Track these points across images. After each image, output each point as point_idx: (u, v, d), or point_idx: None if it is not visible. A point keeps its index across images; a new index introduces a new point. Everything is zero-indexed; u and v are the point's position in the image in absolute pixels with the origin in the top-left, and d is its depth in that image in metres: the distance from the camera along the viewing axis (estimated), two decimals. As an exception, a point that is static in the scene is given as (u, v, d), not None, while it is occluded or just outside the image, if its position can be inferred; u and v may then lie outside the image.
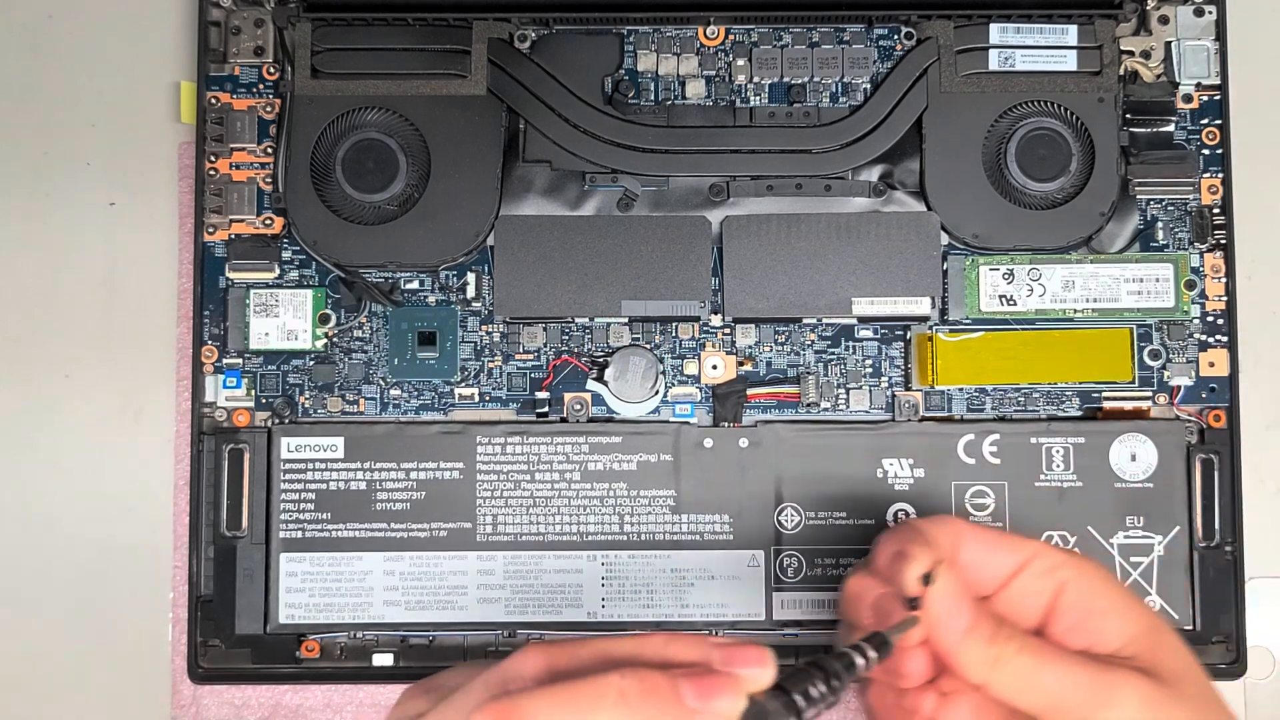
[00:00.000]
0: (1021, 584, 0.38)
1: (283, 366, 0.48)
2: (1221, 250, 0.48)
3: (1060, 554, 0.38)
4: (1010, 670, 0.35)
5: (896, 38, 0.49)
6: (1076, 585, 0.38)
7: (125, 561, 0.50)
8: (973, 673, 0.36)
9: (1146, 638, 0.37)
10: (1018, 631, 0.36)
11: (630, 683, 0.29)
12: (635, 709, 0.29)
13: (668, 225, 0.48)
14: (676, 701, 0.29)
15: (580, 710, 0.29)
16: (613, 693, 0.29)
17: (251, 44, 0.49)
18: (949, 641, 0.35)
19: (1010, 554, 0.38)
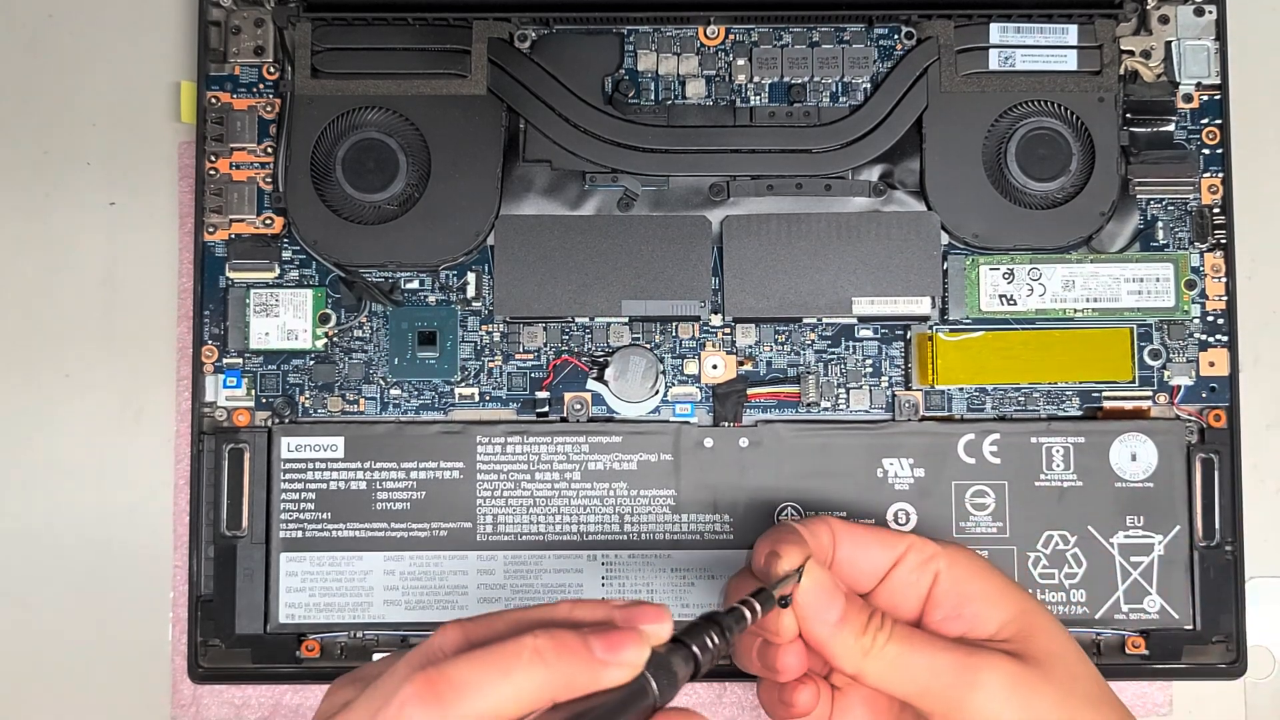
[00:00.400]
0: (899, 577, 0.40)
1: (283, 366, 0.48)
2: (1221, 250, 0.48)
3: (934, 545, 0.40)
4: (881, 660, 0.37)
5: (896, 37, 0.49)
6: (950, 574, 0.40)
7: (125, 561, 0.50)
8: (846, 664, 0.38)
9: (1019, 621, 0.39)
10: (888, 622, 0.38)
11: (543, 641, 0.31)
12: (550, 664, 0.31)
13: (668, 225, 0.48)
14: (587, 654, 0.31)
15: (500, 669, 0.31)
16: (528, 651, 0.31)
17: (251, 44, 0.49)
18: (821, 635, 0.37)
19: (885, 549, 0.40)
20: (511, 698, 0.31)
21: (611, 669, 0.32)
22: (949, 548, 0.40)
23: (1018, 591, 0.40)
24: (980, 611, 0.39)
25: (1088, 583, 0.47)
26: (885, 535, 0.40)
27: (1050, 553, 0.47)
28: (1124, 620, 0.47)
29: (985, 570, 0.40)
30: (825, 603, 0.37)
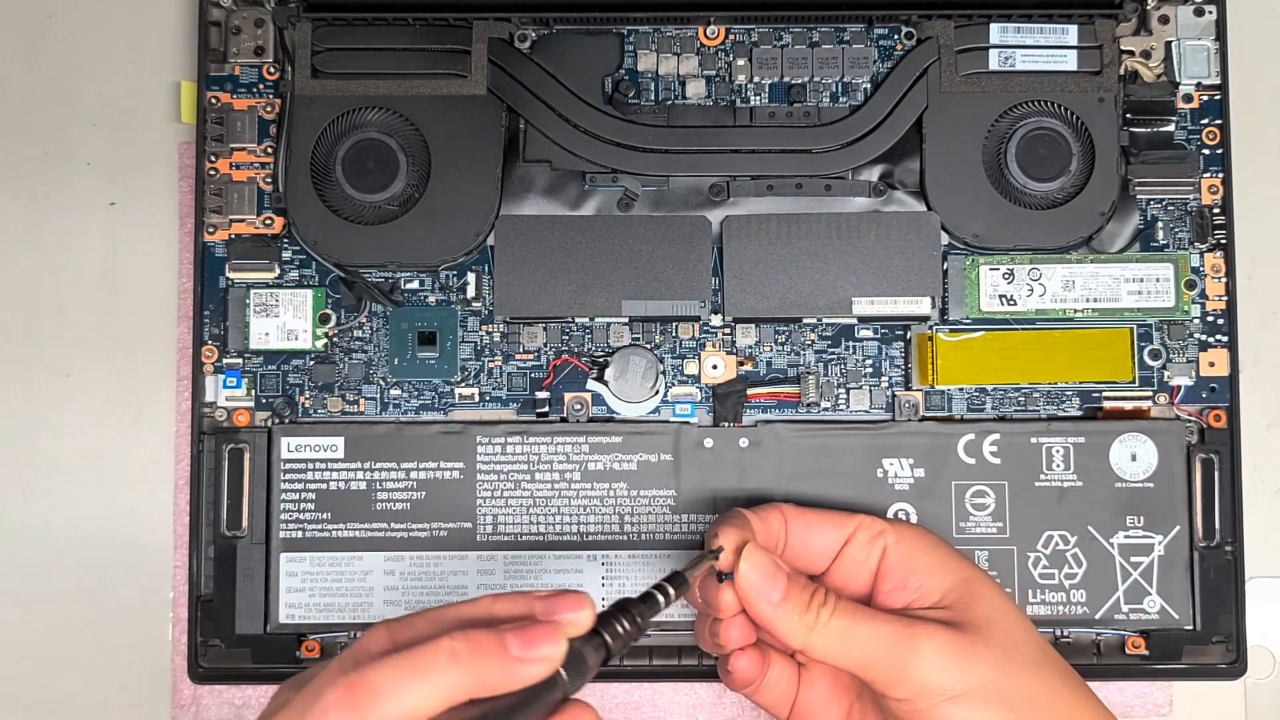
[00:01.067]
0: (850, 554, 0.42)
1: (283, 366, 0.48)
2: (1221, 250, 0.48)
3: (881, 523, 0.42)
4: (825, 635, 0.39)
5: (897, 37, 0.49)
6: (897, 549, 0.41)
7: (125, 561, 0.50)
8: (791, 639, 0.39)
9: (959, 589, 0.41)
10: (831, 598, 0.40)
11: (459, 643, 0.32)
12: (465, 665, 0.32)
13: (668, 225, 0.48)
14: (503, 653, 0.32)
15: (417, 672, 0.32)
16: (444, 654, 0.32)
17: (252, 44, 0.49)
18: (765, 613, 0.39)
19: (835, 529, 0.42)
20: (428, 699, 0.32)
21: (527, 665, 0.33)
22: (896, 524, 0.42)
23: (961, 561, 0.42)
24: (925, 582, 0.41)
25: (1088, 583, 0.47)
26: (835, 516, 0.42)
27: (1050, 553, 0.47)
28: (1124, 620, 0.47)
29: (931, 544, 0.42)
30: (767, 583, 0.39)
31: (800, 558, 0.42)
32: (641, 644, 0.47)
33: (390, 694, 0.32)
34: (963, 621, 0.39)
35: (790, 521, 0.42)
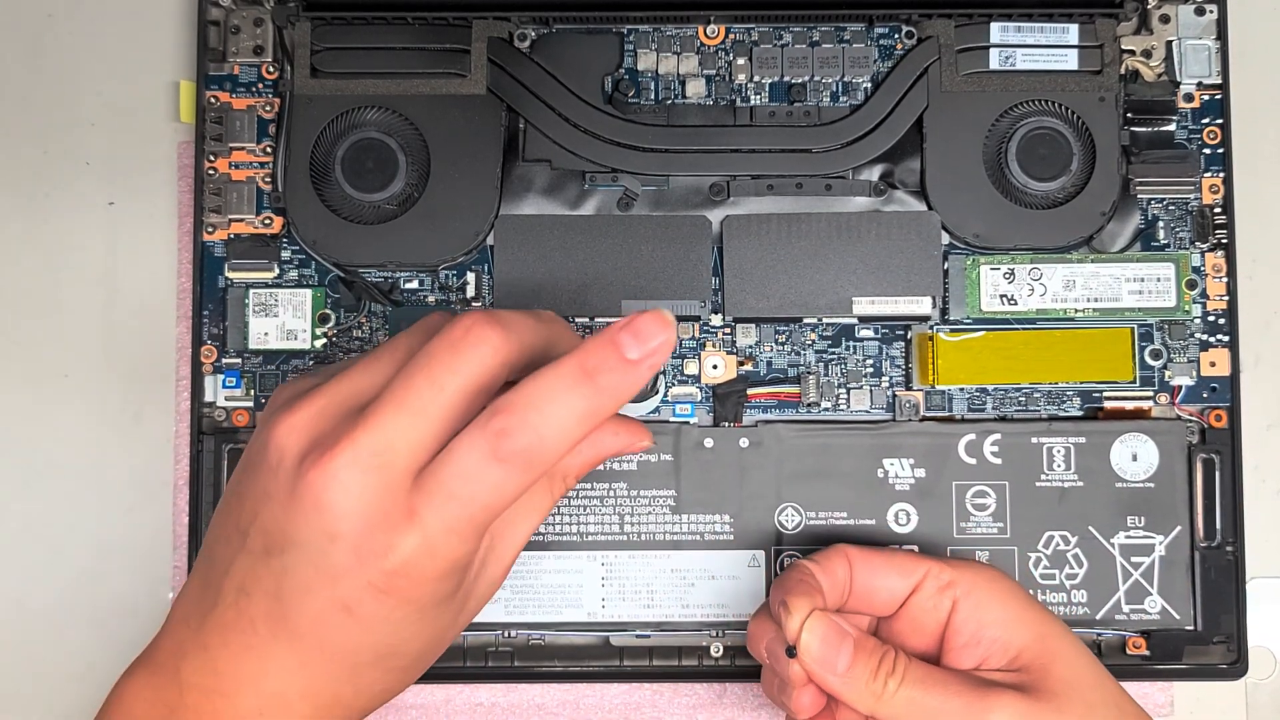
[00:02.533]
0: (917, 604, 0.40)
1: (282, 366, 0.48)
2: (1223, 250, 0.48)
3: (951, 570, 0.40)
4: (893, 704, 0.38)
5: (897, 37, 0.49)
6: (968, 600, 0.40)
7: (124, 561, 0.49)
8: (859, 707, 0.38)
9: (1035, 648, 0.39)
10: (900, 663, 0.38)
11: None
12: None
13: (668, 225, 0.48)
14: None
15: (531, 320, 0.36)
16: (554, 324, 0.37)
17: (251, 43, 0.49)
18: (831, 684, 0.38)
19: (902, 577, 0.40)
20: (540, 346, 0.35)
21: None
22: (966, 572, 0.40)
23: (1037, 613, 0.40)
24: (998, 637, 0.39)
25: (1088, 583, 0.47)
26: (902, 561, 0.41)
27: (1051, 553, 0.47)
28: (1125, 621, 0.47)
29: (1005, 593, 0.40)
30: (832, 653, 0.38)
31: (865, 604, 0.41)
32: (641, 644, 0.47)
33: (521, 328, 0.36)
34: (1038, 687, 0.38)
35: (855, 565, 0.41)
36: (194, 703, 0.35)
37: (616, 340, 0.34)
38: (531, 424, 0.33)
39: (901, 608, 0.41)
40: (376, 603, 0.34)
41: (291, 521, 0.34)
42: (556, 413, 0.33)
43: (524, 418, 0.33)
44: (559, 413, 0.33)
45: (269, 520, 0.34)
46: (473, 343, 0.34)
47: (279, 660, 0.35)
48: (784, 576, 0.40)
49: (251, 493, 0.35)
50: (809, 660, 0.38)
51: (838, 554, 0.41)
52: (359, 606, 0.34)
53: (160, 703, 0.35)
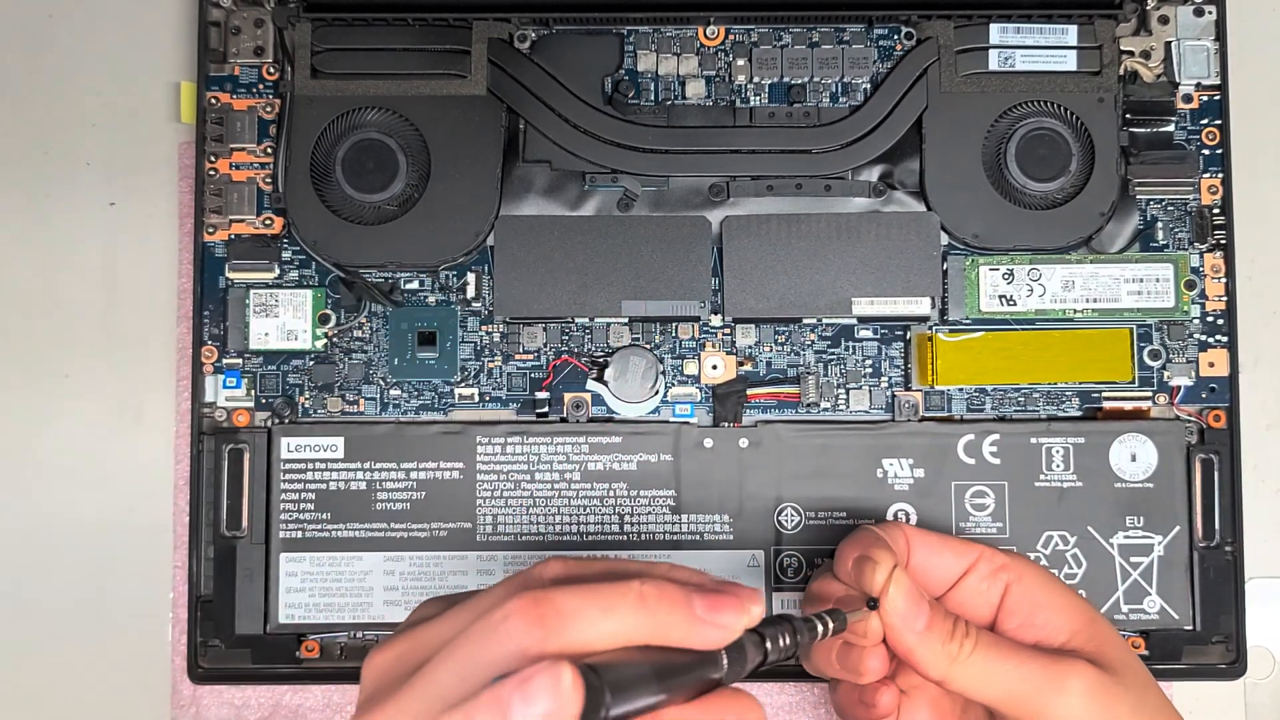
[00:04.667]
0: (970, 585, 0.41)
1: (282, 367, 0.48)
2: (1221, 250, 0.48)
3: (1002, 557, 0.42)
4: (967, 666, 0.38)
5: (896, 38, 0.49)
6: (1020, 586, 0.41)
7: (125, 561, 0.50)
8: (931, 669, 0.39)
9: (1089, 630, 0.40)
10: (972, 629, 0.39)
11: (650, 588, 0.32)
12: (651, 611, 0.32)
13: (668, 225, 0.48)
14: (689, 610, 0.32)
15: (604, 605, 0.31)
16: (633, 595, 0.32)
17: (251, 44, 0.49)
18: (908, 641, 0.38)
19: (957, 557, 0.42)
20: (608, 634, 0.31)
21: (708, 629, 0.32)
22: (1016, 560, 0.42)
23: (1083, 603, 0.42)
24: (1051, 620, 0.40)
25: (1087, 583, 0.47)
26: (956, 543, 0.42)
27: (1050, 553, 0.47)
28: (1124, 621, 0.47)
29: (1052, 581, 0.42)
30: (913, 610, 0.38)
31: (920, 580, 0.41)
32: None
33: (575, 619, 0.31)
34: (1101, 662, 0.39)
35: (912, 542, 0.41)
36: None
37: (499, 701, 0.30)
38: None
39: (951, 589, 0.41)
40: None
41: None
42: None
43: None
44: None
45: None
46: (502, 638, 0.32)
47: None
48: (856, 536, 0.41)
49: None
50: (892, 614, 0.38)
51: (898, 528, 0.41)
52: None
53: None
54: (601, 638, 0.31)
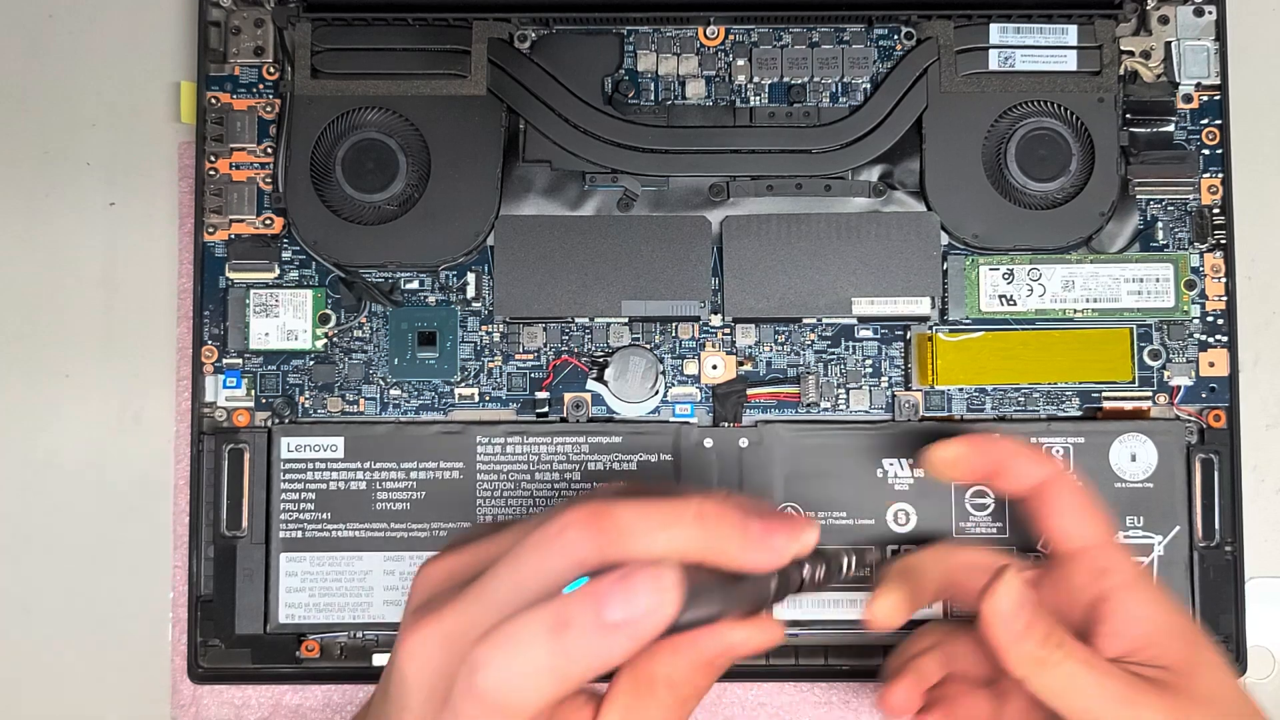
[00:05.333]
0: (1071, 578, 0.41)
1: (283, 366, 0.48)
2: (1221, 250, 0.48)
3: (1111, 558, 0.40)
4: (1053, 673, 0.38)
5: (896, 38, 0.49)
6: (1121, 596, 0.40)
7: (125, 561, 0.50)
8: (1018, 668, 0.38)
9: (1184, 654, 0.39)
10: (1067, 638, 0.38)
11: (708, 507, 0.32)
12: (709, 528, 0.32)
13: (668, 225, 0.48)
14: (745, 531, 0.32)
15: (663, 521, 0.31)
16: (692, 511, 0.32)
17: (251, 44, 0.49)
18: (1004, 636, 0.38)
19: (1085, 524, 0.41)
20: (664, 547, 0.31)
21: (762, 551, 0.32)
22: (1122, 568, 0.41)
23: (1187, 622, 0.41)
24: (1148, 634, 0.40)
25: (1087, 583, 0.47)
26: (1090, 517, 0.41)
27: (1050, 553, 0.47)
28: (1124, 620, 0.47)
29: (1158, 598, 0.40)
30: (1017, 608, 0.38)
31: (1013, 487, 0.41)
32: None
33: (632, 531, 0.31)
34: (1183, 692, 0.38)
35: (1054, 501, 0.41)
36: None
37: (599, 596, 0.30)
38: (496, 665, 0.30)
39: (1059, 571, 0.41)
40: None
41: (386, 684, 0.34)
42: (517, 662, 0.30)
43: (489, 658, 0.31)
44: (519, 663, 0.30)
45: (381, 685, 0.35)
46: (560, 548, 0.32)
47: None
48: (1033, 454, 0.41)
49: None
50: (999, 608, 0.38)
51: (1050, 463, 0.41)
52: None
53: None
54: (659, 550, 0.31)
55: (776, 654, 0.47)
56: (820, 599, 0.47)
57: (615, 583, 0.30)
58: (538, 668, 0.30)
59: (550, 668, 0.30)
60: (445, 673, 0.31)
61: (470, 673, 0.30)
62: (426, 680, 0.32)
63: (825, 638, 0.47)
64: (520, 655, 0.30)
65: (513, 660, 0.30)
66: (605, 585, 0.30)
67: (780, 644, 0.34)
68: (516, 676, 0.30)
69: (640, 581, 0.30)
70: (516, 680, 0.30)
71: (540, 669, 0.30)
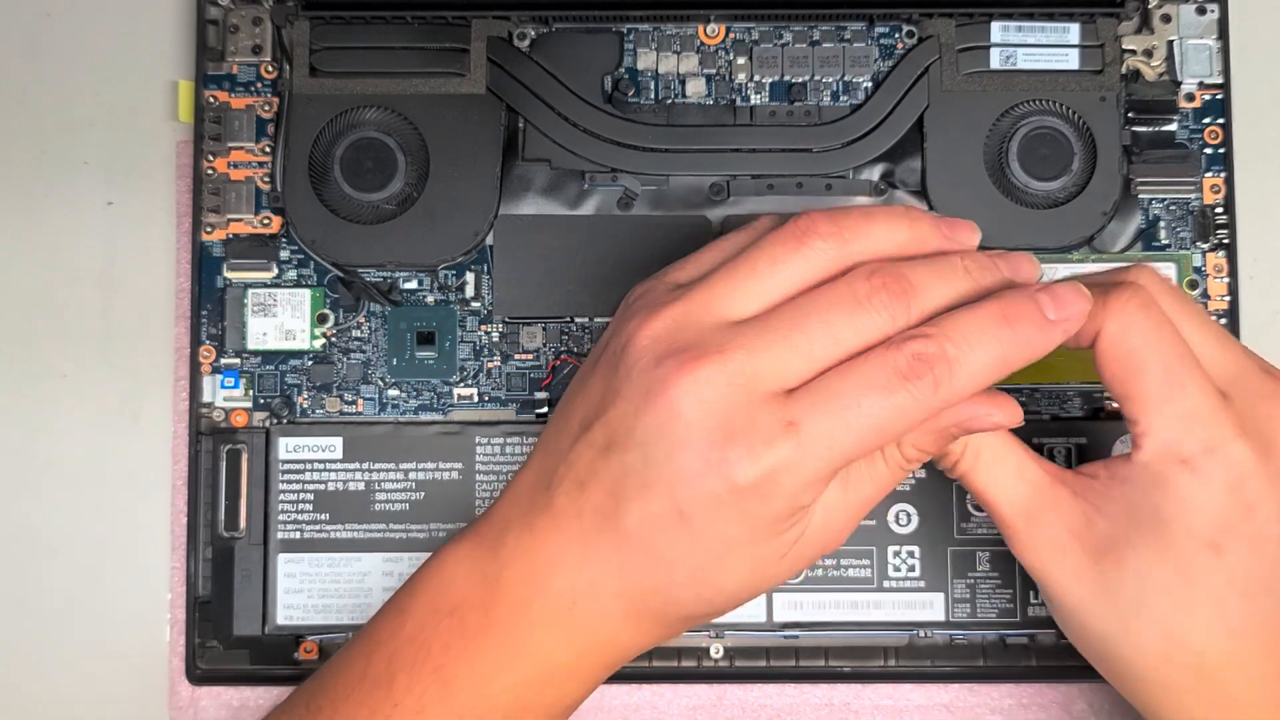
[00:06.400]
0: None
1: (281, 366, 0.48)
2: (1224, 250, 0.48)
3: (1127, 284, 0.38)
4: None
5: (898, 36, 0.49)
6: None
7: (122, 562, 0.49)
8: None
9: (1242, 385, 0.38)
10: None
11: (903, 209, 0.37)
12: (914, 225, 0.36)
13: (668, 225, 0.48)
14: (938, 222, 0.37)
15: (881, 218, 0.36)
16: (895, 211, 0.36)
17: (250, 42, 0.49)
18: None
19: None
20: (884, 245, 0.36)
21: (952, 242, 0.37)
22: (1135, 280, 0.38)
23: (1237, 346, 0.39)
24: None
25: (1089, 584, 0.46)
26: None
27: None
28: (1126, 622, 0.47)
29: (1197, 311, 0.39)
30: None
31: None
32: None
33: (862, 232, 0.36)
34: (1255, 438, 0.37)
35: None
36: (510, 578, 0.36)
37: (1037, 299, 0.34)
38: (949, 354, 0.34)
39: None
40: (713, 514, 0.34)
41: (641, 422, 0.34)
42: (974, 351, 0.34)
43: (941, 347, 0.33)
44: (976, 351, 0.34)
45: (616, 419, 0.35)
46: (805, 256, 0.36)
47: (601, 554, 0.35)
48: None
49: (599, 389, 0.36)
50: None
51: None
52: (694, 515, 0.34)
53: (479, 574, 0.36)
54: (881, 250, 0.36)
55: (777, 655, 0.47)
56: (821, 600, 0.47)
57: (1043, 291, 0.35)
58: (988, 357, 0.34)
59: (1002, 359, 0.34)
60: (731, 414, 0.33)
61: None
62: (713, 421, 0.33)
63: (826, 639, 0.47)
64: (975, 345, 0.34)
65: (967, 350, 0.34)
66: (1036, 291, 0.35)
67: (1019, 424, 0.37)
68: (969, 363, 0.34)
69: (1066, 288, 0.35)
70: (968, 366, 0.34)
71: (992, 363, 0.34)
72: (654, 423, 0.34)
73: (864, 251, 0.35)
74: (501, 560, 0.36)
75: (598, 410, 0.36)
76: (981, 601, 0.46)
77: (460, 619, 0.36)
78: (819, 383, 0.34)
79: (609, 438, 0.35)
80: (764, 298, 0.35)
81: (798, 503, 0.34)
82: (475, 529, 0.38)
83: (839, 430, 0.33)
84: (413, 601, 0.37)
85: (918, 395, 0.34)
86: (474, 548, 0.37)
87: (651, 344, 0.35)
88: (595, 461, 0.35)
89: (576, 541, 0.35)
